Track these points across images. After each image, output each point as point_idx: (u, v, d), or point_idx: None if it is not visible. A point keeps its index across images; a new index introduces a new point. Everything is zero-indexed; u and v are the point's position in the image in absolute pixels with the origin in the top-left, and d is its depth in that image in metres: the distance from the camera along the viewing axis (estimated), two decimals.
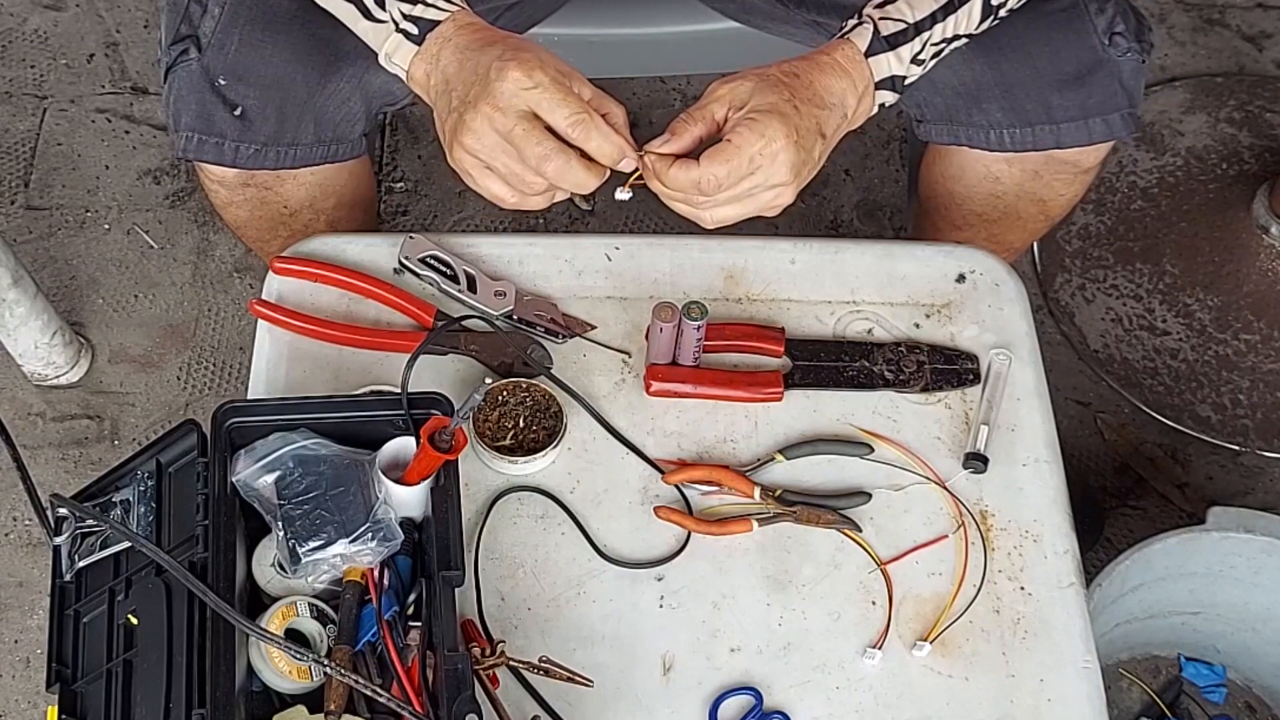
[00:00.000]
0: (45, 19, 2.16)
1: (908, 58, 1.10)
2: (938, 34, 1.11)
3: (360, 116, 1.24)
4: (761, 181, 1.03)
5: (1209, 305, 1.92)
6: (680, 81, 2.10)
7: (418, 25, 1.07)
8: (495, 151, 1.02)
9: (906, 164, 1.99)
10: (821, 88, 1.07)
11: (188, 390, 1.84)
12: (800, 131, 1.03)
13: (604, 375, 1.20)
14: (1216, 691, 1.64)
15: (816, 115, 1.05)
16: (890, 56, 1.09)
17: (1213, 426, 1.84)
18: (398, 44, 1.08)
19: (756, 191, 1.04)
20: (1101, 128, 1.24)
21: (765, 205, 1.06)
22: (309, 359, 1.19)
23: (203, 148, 1.20)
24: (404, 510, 1.04)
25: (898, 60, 1.10)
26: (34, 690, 1.63)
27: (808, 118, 1.04)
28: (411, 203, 2.00)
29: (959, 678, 1.08)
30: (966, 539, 1.13)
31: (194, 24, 1.19)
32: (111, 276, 1.92)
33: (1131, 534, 1.74)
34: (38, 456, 1.78)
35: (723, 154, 1.02)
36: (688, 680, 1.07)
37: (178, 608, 0.98)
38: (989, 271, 1.27)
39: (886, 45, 1.09)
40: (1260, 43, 2.20)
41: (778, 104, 1.03)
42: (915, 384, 1.20)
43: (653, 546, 1.12)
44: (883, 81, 1.10)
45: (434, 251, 1.23)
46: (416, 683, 0.97)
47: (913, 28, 1.10)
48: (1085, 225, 1.99)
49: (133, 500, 1.05)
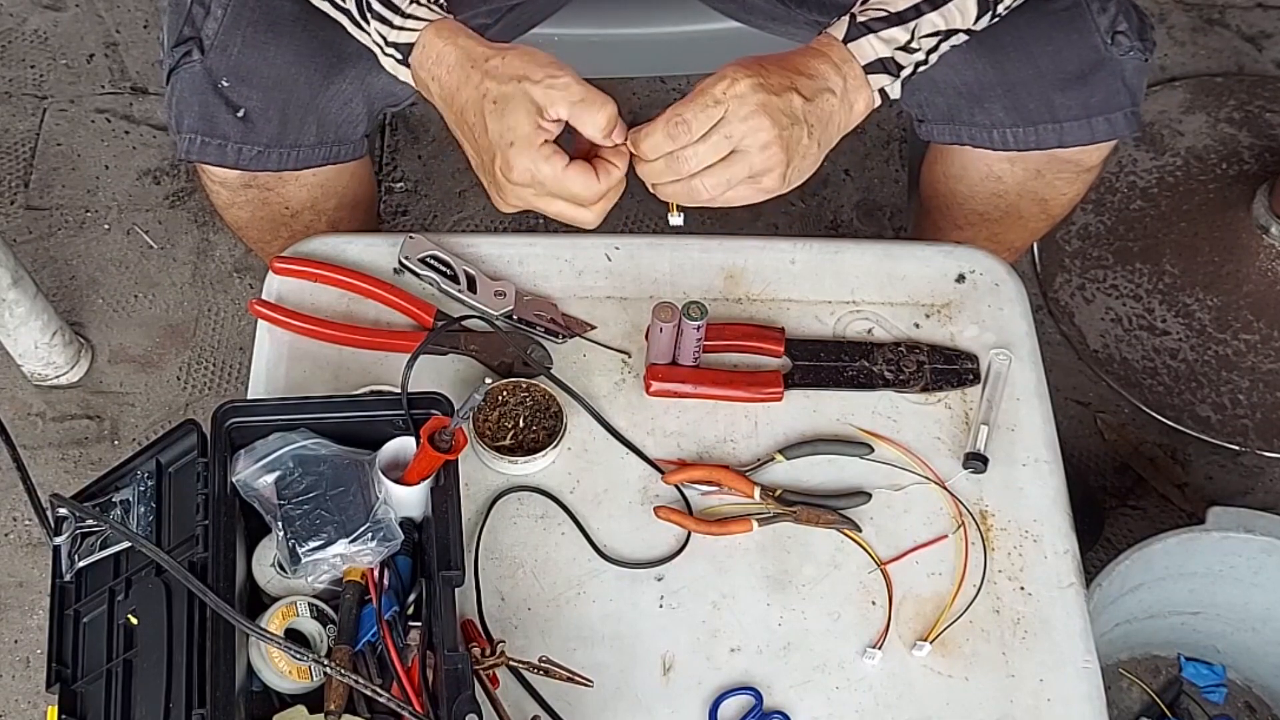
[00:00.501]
0: (45, 19, 2.16)
1: (893, 43, 1.09)
2: (927, 25, 1.10)
3: (362, 117, 1.24)
4: (736, 126, 1.01)
5: (1209, 305, 1.92)
6: (680, 81, 2.09)
7: (399, 50, 1.09)
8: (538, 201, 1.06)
9: (906, 164, 1.99)
10: (796, 62, 1.07)
11: (188, 390, 1.84)
12: (767, 79, 1.03)
13: (604, 375, 1.20)
14: (1216, 691, 1.64)
15: (789, 76, 1.05)
16: (871, 40, 1.09)
17: (1213, 426, 1.84)
18: (393, 66, 1.10)
19: (737, 140, 1.02)
20: (1104, 127, 1.24)
21: (756, 164, 1.03)
22: (309, 359, 1.19)
23: (205, 149, 1.20)
24: (404, 510, 1.04)
25: (881, 43, 1.09)
26: (34, 690, 1.63)
27: (776, 74, 1.04)
28: (411, 203, 2.00)
29: (959, 678, 1.08)
30: (966, 539, 1.13)
31: (197, 26, 1.19)
32: (111, 276, 1.92)
33: (1131, 534, 1.74)
34: (38, 456, 1.78)
35: (687, 98, 1.03)
36: (688, 680, 1.07)
37: (178, 608, 0.98)
38: (989, 271, 1.27)
39: (865, 30, 1.09)
40: (1260, 43, 2.20)
41: (742, 60, 1.04)
42: (915, 384, 1.20)
43: (653, 546, 1.12)
44: (871, 65, 1.09)
45: (434, 251, 1.23)
46: (416, 683, 0.97)
47: (895, 15, 1.09)
48: (1085, 225, 1.99)
49: (133, 500, 1.05)
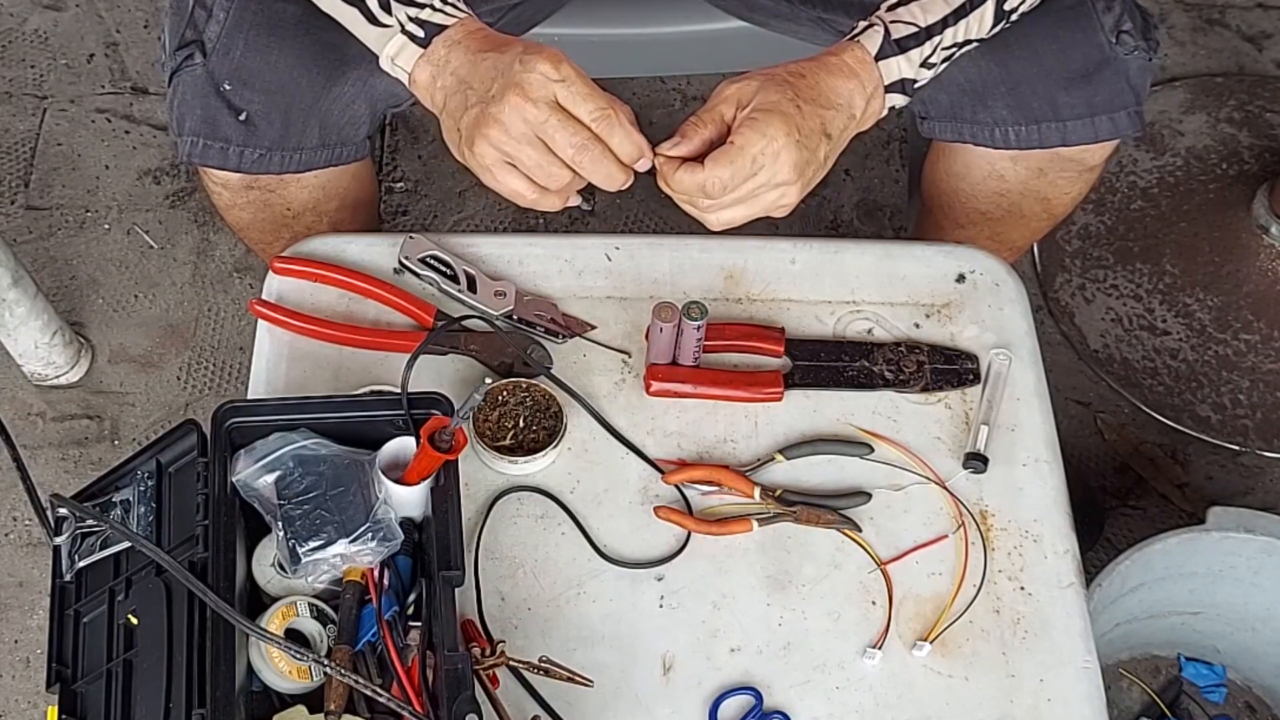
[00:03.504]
0: (45, 19, 2.16)
1: (918, 61, 1.10)
2: (949, 38, 1.11)
3: (364, 119, 1.24)
4: (765, 181, 1.03)
5: (1209, 305, 1.92)
6: (680, 81, 2.09)
7: (424, 29, 1.07)
8: (522, 143, 1.01)
9: (906, 163, 1.99)
10: (828, 88, 1.07)
11: (188, 390, 1.84)
12: (803, 131, 1.03)
13: (604, 375, 1.20)
14: (1216, 691, 1.64)
15: (821, 115, 1.05)
16: (901, 60, 1.09)
17: (1213, 426, 1.84)
18: (401, 45, 1.08)
19: (761, 191, 1.04)
20: (1108, 125, 1.24)
21: (771, 205, 1.06)
22: (309, 359, 1.19)
23: (207, 152, 1.20)
24: (404, 510, 1.04)
25: (908, 64, 1.10)
26: (34, 690, 1.63)
27: (811, 117, 1.04)
28: (411, 203, 2.00)
29: (959, 678, 1.08)
30: (966, 539, 1.13)
31: (199, 29, 1.18)
32: (111, 276, 1.92)
33: (1131, 534, 1.74)
34: (38, 456, 1.78)
35: (726, 156, 1.02)
36: (688, 680, 1.07)
37: (178, 608, 0.98)
38: (989, 271, 1.27)
39: (897, 49, 1.09)
40: (1260, 43, 2.20)
41: (780, 103, 1.03)
42: (915, 384, 1.20)
43: (653, 546, 1.12)
44: (892, 85, 1.10)
45: (434, 251, 1.23)
46: (416, 683, 0.97)
47: (924, 31, 1.10)
48: (1085, 225, 1.99)
49: (133, 500, 1.05)
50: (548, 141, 1.01)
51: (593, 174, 1.03)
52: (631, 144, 1.02)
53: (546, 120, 1.00)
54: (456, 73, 1.06)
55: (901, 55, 1.09)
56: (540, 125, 1.00)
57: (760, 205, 1.05)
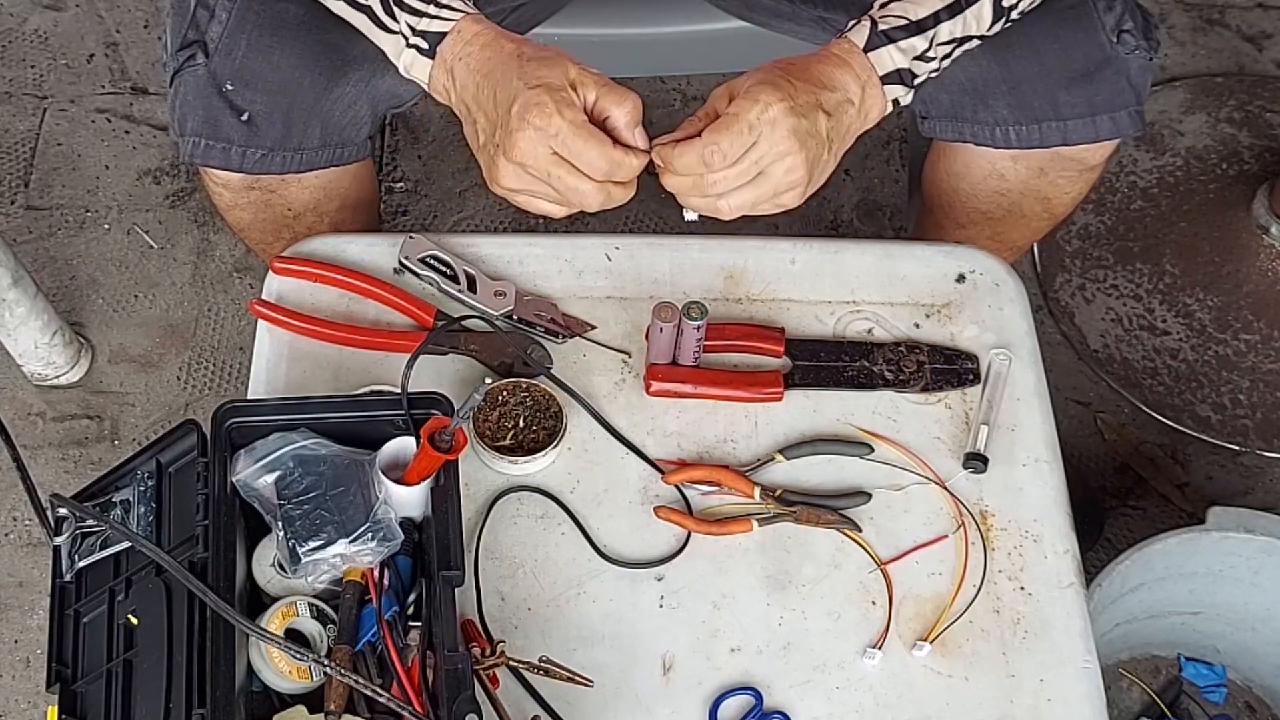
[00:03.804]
0: (45, 19, 2.16)
1: (911, 53, 1.10)
2: (944, 33, 1.10)
3: (366, 120, 1.24)
4: (766, 151, 1.03)
5: (1209, 305, 1.92)
6: (680, 81, 2.09)
7: (426, 39, 1.08)
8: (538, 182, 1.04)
9: (907, 163, 1.99)
10: (819, 73, 1.07)
11: (188, 390, 1.84)
12: (797, 100, 1.03)
13: (604, 375, 1.20)
14: (1216, 691, 1.64)
15: (815, 92, 1.05)
16: (891, 50, 1.09)
17: (1213, 426, 1.84)
18: (413, 59, 1.09)
19: (765, 165, 1.03)
20: (1109, 125, 1.24)
21: (780, 183, 1.05)
22: (309, 359, 1.19)
23: (209, 153, 1.20)
24: (404, 510, 1.04)
25: (900, 54, 1.09)
26: (34, 690, 1.63)
27: (805, 92, 1.05)
28: (411, 203, 2.00)
29: (959, 678, 1.08)
30: (966, 539, 1.13)
31: (201, 29, 1.18)
32: (111, 276, 1.92)
33: (1131, 534, 1.74)
34: (38, 456, 1.78)
35: (722, 123, 1.02)
36: (688, 680, 1.07)
37: (178, 608, 0.98)
38: (989, 271, 1.27)
39: (885, 39, 1.09)
40: (1260, 43, 2.20)
41: (770, 77, 1.04)
42: (915, 384, 1.20)
43: (653, 546, 1.12)
44: (889, 76, 1.09)
45: (434, 251, 1.23)
46: (416, 683, 0.97)
47: (914, 25, 1.10)
48: (1085, 225, 1.99)
49: (133, 500, 1.05)
50: (557, 186, 1.03)
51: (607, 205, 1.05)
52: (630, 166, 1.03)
53: (549, 174, 1.02)
54: (463, 95, 1.07)
55: (891, 45, 1.09)
56: (547, 177, 1.03)
57: (769, 185, 1.04)
